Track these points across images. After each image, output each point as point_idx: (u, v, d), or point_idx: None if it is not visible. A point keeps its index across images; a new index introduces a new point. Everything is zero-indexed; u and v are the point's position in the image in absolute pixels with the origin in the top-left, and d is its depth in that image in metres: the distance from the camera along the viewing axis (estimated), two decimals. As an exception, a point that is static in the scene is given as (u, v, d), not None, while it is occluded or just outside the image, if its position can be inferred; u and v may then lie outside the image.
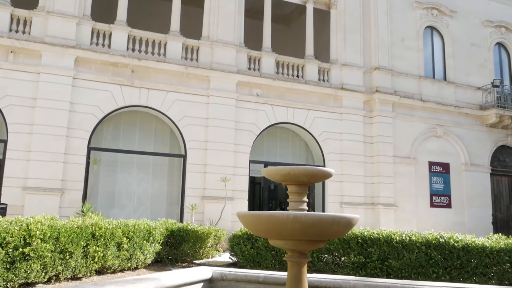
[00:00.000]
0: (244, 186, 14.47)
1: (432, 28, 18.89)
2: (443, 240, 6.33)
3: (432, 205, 17.34)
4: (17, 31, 12.67)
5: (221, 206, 13.33)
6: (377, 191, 16.18)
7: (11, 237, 4.90)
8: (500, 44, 20.48)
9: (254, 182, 18.52)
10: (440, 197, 17.52)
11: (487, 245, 6.17)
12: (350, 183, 15.90)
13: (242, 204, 14.26)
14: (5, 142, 12.10)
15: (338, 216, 3.35)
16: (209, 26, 14.91)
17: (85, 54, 13.02)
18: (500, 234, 16.04)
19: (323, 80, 16.35)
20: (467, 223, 17.76)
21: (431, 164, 17.55)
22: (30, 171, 12.00)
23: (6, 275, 4.88)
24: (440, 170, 17.69)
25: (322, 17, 17.42)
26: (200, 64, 14.45)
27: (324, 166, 15.86)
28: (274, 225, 3.27)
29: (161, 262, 7.88)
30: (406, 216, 16.53)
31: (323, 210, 15.53)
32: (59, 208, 12.07)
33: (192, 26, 16.08)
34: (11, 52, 12.36)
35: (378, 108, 16.66)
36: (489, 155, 18.90)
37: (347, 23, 16.99)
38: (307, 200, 3.70)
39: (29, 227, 5.11)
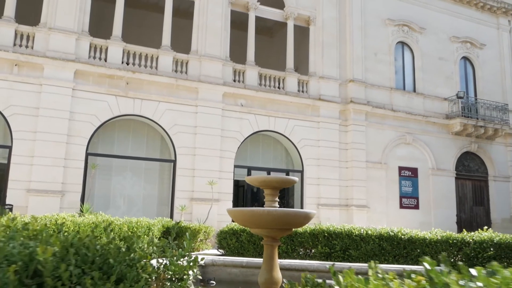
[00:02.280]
0: (229, 189, 15.77)
1: (403, 43, 20.52)
2: (393, 234, 7.76)
3: (402, 206, 18.90)
4: (21, 46, 13.76)
5: (208, 207, 14.58)
6: (351, 193, 17.66)
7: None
8: (465, 58, 22.24)
9: (238, 185, 19.81)
10: (409, 199, 19.10)
11: (427, 237, 7.61)
12: (326, 186, 17.33)
13: (227, 206, 15.49)
14: (10, 148, 13.19)
15: (299, 211, 4.70)
16: (197, 41, 16.20)
17: (84, 67, 14.17)
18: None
19: (302, 91, 17.78)
20: (433, 223, 19.32)
21: (400, 168, 19.13)
22: (33, 174, 13.10)
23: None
24: (409, 174, 19.28)
25: (303, 31, 18.86)
26: (189, 76, 15.72)
27: (302, 170, 17.29)
28: (254, 218, 4.61)
29: (158, 254, 9.13)
30: (377, 216, 18.03)
31: (302, 211, 16.91)
32: (59, 209, 13.14)
33: (182, 37, 17.28)
34: (15, 65, 13.45)
35: (352, 117, 18.16)
36: (454, 160, 20.58)
37: (325, 38, 18.46)
38: (278, 200, 5.02)
39: (57, 222, 6.32)
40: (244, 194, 19.43)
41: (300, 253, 8.44)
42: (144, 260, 1.93)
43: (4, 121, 13.29)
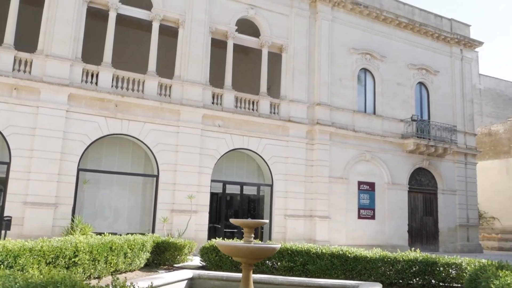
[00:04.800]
0: (206, 201, 17.52)
1: (365, 70, 22.77)
2: (342, 252, 9.74)
3: (360, 217, 21.15)
4: (19, 71, 15.06)
5: (187, 218, 16.27)
6: (315, 205, 19.73)
7: (67, 251, 7.72)
8: (421, 83, 24.73)
9: (213, 195, 21.53)
10: (366, 211, 21.37)
11: (368, 256, 9.62)
12: (293, 199, 19.34)
13: (204, 216, 17.32)
14: (8, 164, 14.53)
15: (268, 246, 6.60)
16: (180, 67, 17.85)
17: (77, 91, 15.61)
18: (414, 242, 20.05)
19: (274, 113, 19.70)
20: (387, 231, 21.71)
21: (360, 183, 21.37)
22: (30, 188, 14.48)
23: (63, 276, 7.68)
24: (367, 188, 21.56)
25: (276, 55, 20.69)
26: (172, 100, 17.36)
27: (272, 184, 19.24)
28: (236, 250, 6.46)
29: (149, 266, 10.80)
30: (337, 226, 20.20)
31: (270, 222, 18.87)
32: (53, 220, 14.65)
33: (169, 53, 18.56)
34: (14, 89, 14.78)
35: (318, 137, 20.24)
36: (407, 175, 23.02)
37: (296, 65, 20.44)
38: (253, 235, 6.88)
39: (77, 244, 7.94)
40: (219, 203, 21.18)
41: (268, 265, 10.31)
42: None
43: (3, 140, 14.59)
